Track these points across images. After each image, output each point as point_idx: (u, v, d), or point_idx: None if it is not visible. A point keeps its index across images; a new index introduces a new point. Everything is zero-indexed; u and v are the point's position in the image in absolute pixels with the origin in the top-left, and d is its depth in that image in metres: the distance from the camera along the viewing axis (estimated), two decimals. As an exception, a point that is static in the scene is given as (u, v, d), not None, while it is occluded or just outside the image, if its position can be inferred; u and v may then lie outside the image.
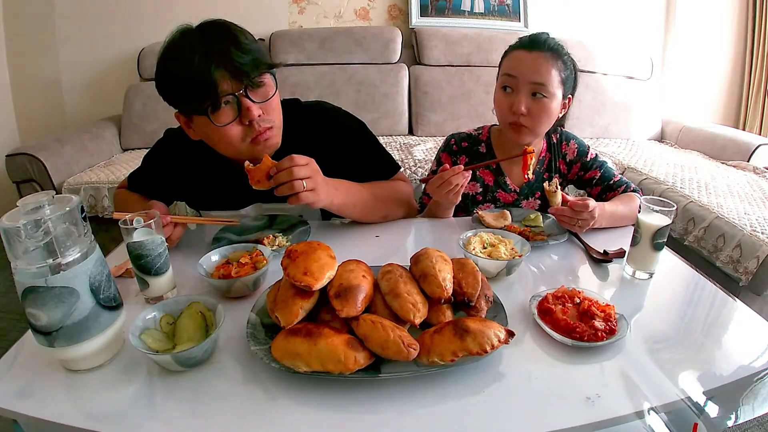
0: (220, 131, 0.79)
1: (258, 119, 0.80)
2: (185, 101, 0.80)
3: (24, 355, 0.65)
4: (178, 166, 1.00)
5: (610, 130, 2.68)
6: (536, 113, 1.02)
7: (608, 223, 1.02)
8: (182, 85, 0.77)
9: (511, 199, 1.19)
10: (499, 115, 1.10)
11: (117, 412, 0.55)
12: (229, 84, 0.77)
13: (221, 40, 0.77)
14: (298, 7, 2.74)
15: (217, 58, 0.75)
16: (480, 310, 0.66)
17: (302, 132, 0.97)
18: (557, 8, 2.85)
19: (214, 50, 0.75)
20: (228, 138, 0.80)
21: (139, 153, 2.41)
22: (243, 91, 0.78)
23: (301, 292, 0.62)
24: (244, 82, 0.77)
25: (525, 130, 1.05)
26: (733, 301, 0.78)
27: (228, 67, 0.76)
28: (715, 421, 0.58)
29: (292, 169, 0.76)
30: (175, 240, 0.89)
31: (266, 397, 0.57)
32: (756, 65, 2.84)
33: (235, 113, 0.79)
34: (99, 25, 2.64)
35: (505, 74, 1.05)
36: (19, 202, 0.55)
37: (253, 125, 0.81)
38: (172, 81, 0.79)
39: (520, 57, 1.03)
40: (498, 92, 1.08)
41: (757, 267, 1.40)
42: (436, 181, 0.96)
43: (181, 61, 0.76)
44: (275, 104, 0.85)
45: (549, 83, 1.00)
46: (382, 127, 2.58)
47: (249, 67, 0.77)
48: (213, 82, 0.75)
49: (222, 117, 0.78)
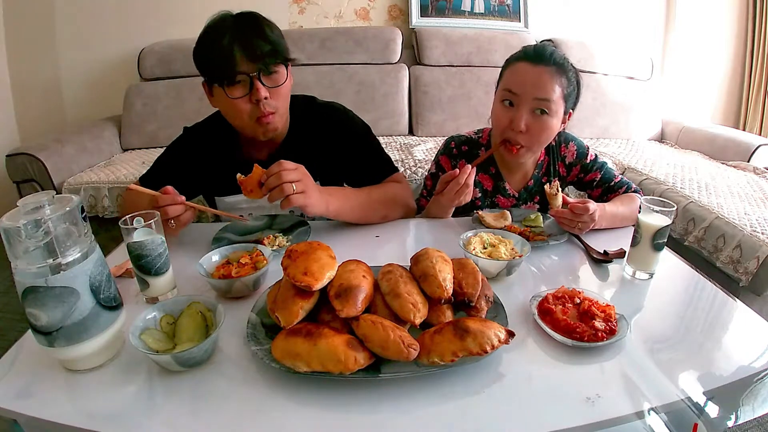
0: (232, 103, 0.91)
1: (264, 101, 0.91)
2: (209, 72, 0.93)
3: (24, 355, 0.65)
4: (197, 157, 1.08)
5: (610, 130, 2.68)
6: (536, 131, 0.99)
7: (609, 224, 1.02)
8: (210, 58, 0.91)
9: (510, 204, 1.18)
10: (495, 129, 1.06)
11: (117, 412, 0.55)
12: (247, 65, 0.89)
13: (249, 29, 0.90)
14: (298, 7, 2.74)
15: (241, 42, 0.88)
16: (480, 311, 0.66)
17: (313, 126, 1.06)
18: (557, 8, 2.85)
19: (241, 35, 0.89)
20: (237, 111, 0.93)
21: (139, 153, 2.41)
22: (257, 74, 0.90)
23: (301, 292, 0.62)
24: (258, 66, 0.90)
25: (522, 151, 1.01)
26: (733, 302, 0.78)
27: (248, 51, 0.88)
28: (715, 421, 0.58)
29: (281, 173, 0.83)
30: (184, 222, 0.88)
31: (266, 397, 0.57)
32: (756, 65, 2.84)
33: (246, 91, 0.91)
34: (99, 25, 2.64)
35: (506, 89, 1.00)
36: (19, 202, 0.55)
37: (259, 106, 0.92)
38: (203, 53, 0.93)
39: (524, 71, 0.99)
40: (497, 105, 1.04)
41: (757, 267, 1.40)
42: (453, 188, 0.96)
43: (213, 38, 0.90)
44: (283, 92, 0.95)
45: (552, 99, 0.97)
46: (382, 127, 2.58)
47: (266, 55, 0.90)
48: (233, 61, 0.88)
49: (235, 91, 0.91)
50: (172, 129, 2.43)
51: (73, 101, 2.76)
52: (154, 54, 2.56)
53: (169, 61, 2.53)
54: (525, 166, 1.17)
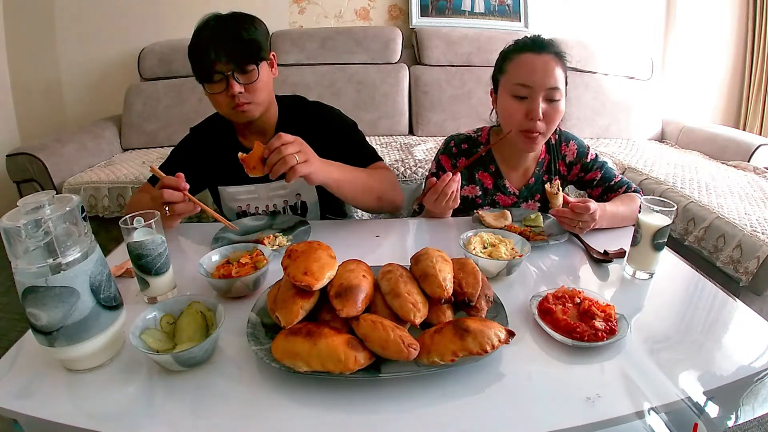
0: (213, 97, 1.04)
1: (239, 95, 1.01)
2: (194, 70, 1.03)
3: (24, 355, 0.65)
4: (201, 150, 1.18)
5: (610, 130, 2.68)
6: (552, 117, 1.02)
7: (609, 224, 1.02)
8: (192, 60, 1.02)
9: (510, 202, 1.18)
10: (511, 123, 1.05)
11: (117, 412, 0.55)
12: (223, 66, 0.99)
13: (226, 32, 1.00)
14: (298, 7, 2.74)
15: (216, 46, 0.98)
16: (480, 310, 0.66)
17: (301, 119, 1.16)
18: (557, 8, 2.85)
19: (218, 38, 0.99)
20: (217, 102, 1.05)
21: (140, 153, 2.41)
22: (231, 73, 0.99)
23: (301, 292, 0.62)
24: (232, 66, 0.99)
25: (539, 138, 1.03)
26: (733, 301, 0.78)
27: (224, 53, 0.98)
28: (716, 421, 0.58)
29: (281, 147, 0.87)
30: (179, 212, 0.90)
31: (266, 397, 0.57)
32: (756, 65, 2.83)
33: (223, 87, 1.01)
34: (99, 25, 2.64)
35: (518, 84, 1.01)
36: (19, 202, 0.55)
37: (234, 99, 1.01)
38: (189, 55, 1.03)
39: (531, 62, 1.01)
40: (508, 100, 1.04)
41: (757, 267, 1.40)
42: (431, 197, 0.97)
43: (195, 42, 1.01)
44: (259, 86, 1.04)
45: (561, 85, 1.01)
46: (382, 127, 2.57)
47: (240, 56, 0.99)
48: (210, 63, 0.98)
49: (215, 87, 1.02)
50: (172, 129, 2.45)
51: (73, 101, 2.76)
52: (154, 54, 2.56)
53: (169, 61, 2.53)
54: (526, 163, 1.17)
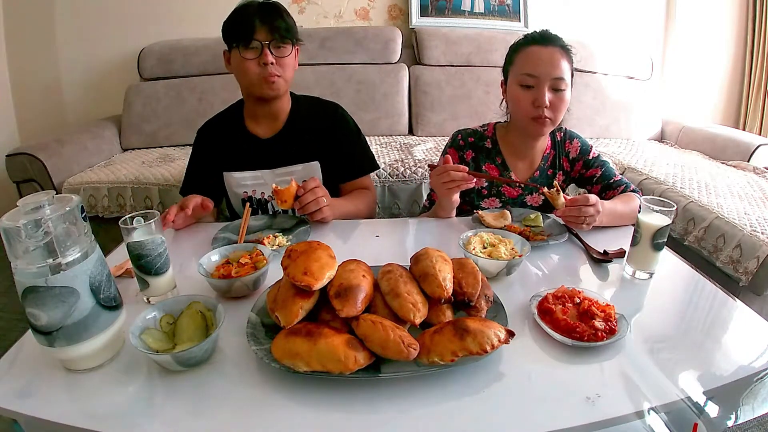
0: (245, 63, 1.10)
1: (271, 65, 1.10)
2: (232, 36, 1.11)
3: (24, 355, 0.65)
4: (210, 141, 1.27)
5: (610, 130, 2.68)
6: (557, 105, 1.07)
7: (609, 221, 1.02)
8: (235, 23, 1.11)
9: (515, 194, 1.20)
10: (520, 111, 1.11)
11: (117, 412, 0.55)
12: (262, 35, 1.08)
13: (272, 9, 1.11)
14: (298, 7, 2.74)
15: (262, 17, 1.08)
16: (480, 310, 0.66)
17: (312, 113, 1.26)
18: (557, 8, 2.85)
19: (263, 12, 1.10)
20: (246, 69, 1.11)
21: (139, 153, 2.41)
22: (268, 43, 1.09)
23: (301, 292, 0.63)
24: (271, 37, 1.09)
25: (548, 122, 1.08)
26: (733, 301, 0.78)
27: (266, 25, 1.08)
28: (715, 421, 0.58)
29: (316, 189, 1.03)
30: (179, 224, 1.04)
31: (266, 397, 0.57)
32: (756, 65, 2.83)
33: (257, 54, 1.10)
34: (99, 25, 2.63)
35: (525, 74, 1.07)
36: (19, 202, 0.55)
37: (266, 68, 1.10)
38: (230, 21, 1.12)
39: (537, 54, 1.06)
40: (517, 89, 1.09)
41: (757, 267, 1.40)
42: (438, 170, 1.02)
43: (241, 11, 1.11)
44: (288, 63, 1.14)
45: (566, 77, 1.06)
46: (382, 127, 2.57)
47: (280, 31, 1.09)
48: (252, 28, 1.08)
49: (249, 53, 1.10)
50: (171, 129, 2.44)
51: (73, 101, 2.76)
52: (154, 54, 2.55)
53: (169, 61, 2.52)
54: (532, 155, 1.20)
